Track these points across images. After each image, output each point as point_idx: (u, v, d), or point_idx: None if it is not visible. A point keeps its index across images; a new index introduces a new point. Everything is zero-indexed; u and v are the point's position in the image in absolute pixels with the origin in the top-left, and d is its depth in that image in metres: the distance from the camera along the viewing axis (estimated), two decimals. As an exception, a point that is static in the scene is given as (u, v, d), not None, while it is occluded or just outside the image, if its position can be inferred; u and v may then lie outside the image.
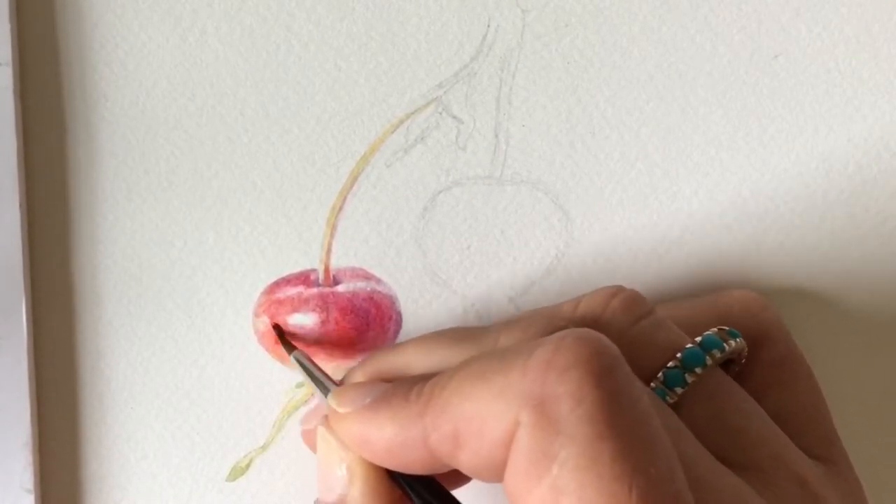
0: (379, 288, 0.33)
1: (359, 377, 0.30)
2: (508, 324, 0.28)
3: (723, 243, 0.34)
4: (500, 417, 0.24)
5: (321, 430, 0.28)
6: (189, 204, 0.33)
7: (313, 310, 0.33)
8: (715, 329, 0.29)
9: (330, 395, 0.28)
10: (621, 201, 0.34)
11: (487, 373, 0.24)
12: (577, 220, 0.34)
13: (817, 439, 0.29)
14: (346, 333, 0.33)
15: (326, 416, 0.28)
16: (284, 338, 0.33)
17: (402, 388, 0.26)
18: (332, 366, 0.33)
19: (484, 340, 0.27)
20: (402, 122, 0.33)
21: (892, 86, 0.34)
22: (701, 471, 0.24)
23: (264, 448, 0.34)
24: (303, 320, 0.33)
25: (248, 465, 0.34)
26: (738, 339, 0.29)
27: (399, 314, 0.33)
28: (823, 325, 0.34)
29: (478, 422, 0.24)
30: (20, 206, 0.32)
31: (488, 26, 0.33)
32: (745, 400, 0.28)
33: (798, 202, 0.34)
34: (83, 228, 0.33)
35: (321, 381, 0.30)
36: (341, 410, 0.28)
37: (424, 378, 0.26)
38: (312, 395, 0.34)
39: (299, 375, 0.33)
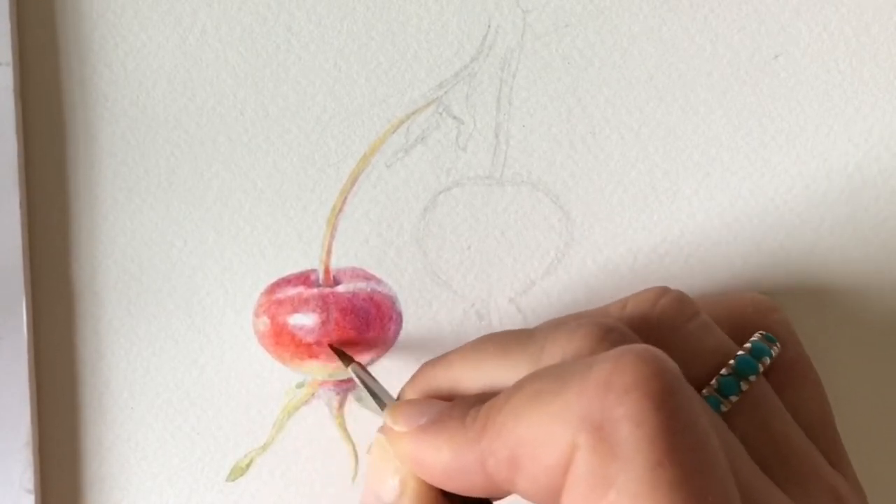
0: (379, 288, 0.33)
1: (411, 394, 0.29)
2: (553, 329, 0.27)
3: (723, 243, 0.34)
4: (557, 441, 0.23)
5: (378, 437, 0.28)
6: (189, 204, 0.33)
7: (313, 310, 0.33)
8: (758, 335, 0.29)
9: (386, 412, 0.28)
10: (621, 201, 0.34)
11: (543, 394, 0.24)
12: (577, 220, 0.34)
13: (827, 444, 0.28)
14: (346, 334, 0.33)
15: (384, 426, 0.28)
16: (341, 351, 0.33)
17: (458, 410, 0.26)
18: (333, 366, 0.33)
19: (530, 349, 0.27)
20: (402, 122, 0.33)
21: (892, 86, 0.34)
22: (755, 491, 0.24)
23: (264, 448, 0.34)
24: (303, 320, 0.33)
25: (248, 465, 0.34)
26: (777, 345, 0.29)
27: (399, 314, 0.33)
28: (823, 325, 0.34)
29: (535, 446, 0.24)
30: (20, 206, 0.32)
31: (488, 26, 0.33)
32: (783, 409, 0.28)
33: (798, 202, 0.34)
34: (83, 228, 0.33)
35: (377, 394, 0.30)
36: (397, 429, 0.27)
37: (480, 399, 0.26)
38: (313, 395, 0.34)
39: (299, 375, 0.34)
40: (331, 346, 0.33)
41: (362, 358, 0.33)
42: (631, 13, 0.33)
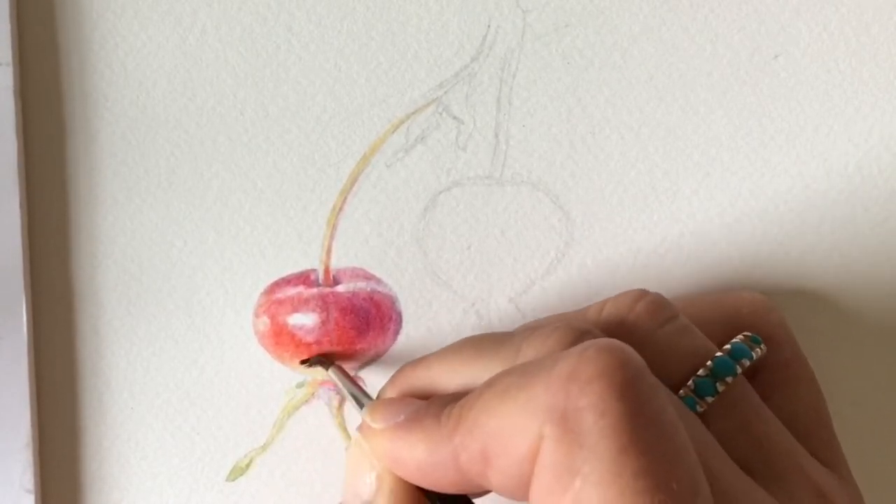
0: (379, 288, 0.33)
1: (390, 393, 0.30)
2: (530, 332, 0.27)
3: (723, 243, 0.34)
4: (524, 433, 0.23)
5: (355, 436, 0.29)
6: (189, 204, 0.33)
7: (313, 310, 0.33)
8: (741, 336, 0.29)
9: (364, 410, 0.29)
10: (621, 201, 0.34)
11: (512, 388, 0.24)
12: (577, 220, 0.34)
13: (820, 443, 0.29)
14: (346, 333, 0.33)
15: (362, 424, 0.28)
16: (319, 357, 0.33)
17: (434, 407, 0.26)
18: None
19: (506, 351, 0.27)
20: (402, 122, 0.33)
21: (892, 86, 0.34)
22: (728, 484, 0.24)
23: (264, 448, 0.34)
24: (303, 320, 0.33)
25: (248, 465, 0.34)
26: (761, 346, 0.29)
27: (399, 314, 0.33)
28: (823, 325, 0.34)
29: (504, 439, 0.24)
30: (20, 206, 0.32)
31: (488, 27, 0.33)
32: (765, 408, 0.28)
33: (798, 202, 0.34)
34: (83, 228, 0.33)
35: (356, 395, 0.31)
36: (375, 426, 0.28)
37: (454, 398, 0.26)
38: (313, 395, 0.34)
39: (299, 375, 0.34)
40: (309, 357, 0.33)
41: (362, 358, 0.33)
42: (631, 13, 0.33)
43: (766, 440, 0.27)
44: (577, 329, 0.26)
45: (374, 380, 0.34)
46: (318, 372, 0.33)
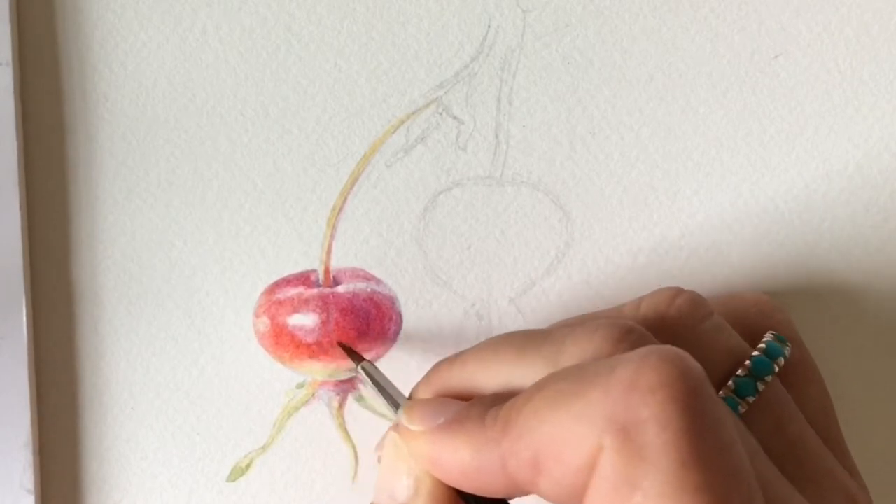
0: (379, 288, 0.33)
1: (424, 393, 0.29)
2: (571, 329, 0.27)
3: (723, 243, 0.34)
4: (581, 442, 0.23)
5: (392, 436, 0.28)
6: (189, 204, 0.33)
7: (313, 310, 0.33)
8: (769, 335, 0.29)
9: (401, 411, 0.28)
10: (621, 201, 0.34)
11: (566, 394, 0.24)
12: (577, 220, 0.34)
13: (831, 444, 0.28)
14: (346, 334, 0.33)
15: (398, 424, 0.28)
16: (350, 349, 0.33)
17: (477, 410, 0.26)
18: (333, 366, 0.33)
19: (548, 350, 0.26)
20: (402, 122, 0.33)
21: (892, 86, 0.34)
22: (776, 494, 0.24)
23: (264, 448, 0.34)
24: (303, 321, 0.33)
25: (248, 466, 0.34)
26: (788, 345, 0.29)
27: (399, 315, 0.33)
28: (823, 325, 0.34)
29: (558, 446, 0.23)
30: (20, 206, 0.32)
31: (489, 26, 0.33)
32: (797, 409, 0.28)
33: (798, 202, 0.34)
34: (83, 228, 0.33)
35: (389, 393, 0.30)
36: (413, 428, 0.27)
37: (499, 399, 0.26)
38: (313, 395, 0.34)
39: (299, 376, 0.34)
40: (340, 343, 0.33)
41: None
42: (631, 13, 0.33)
43: (799, 442, 0.27)
44: (623, 326, 0.26)
45: (374, 380, 0.34)
46: (318, 372, 0.33)
